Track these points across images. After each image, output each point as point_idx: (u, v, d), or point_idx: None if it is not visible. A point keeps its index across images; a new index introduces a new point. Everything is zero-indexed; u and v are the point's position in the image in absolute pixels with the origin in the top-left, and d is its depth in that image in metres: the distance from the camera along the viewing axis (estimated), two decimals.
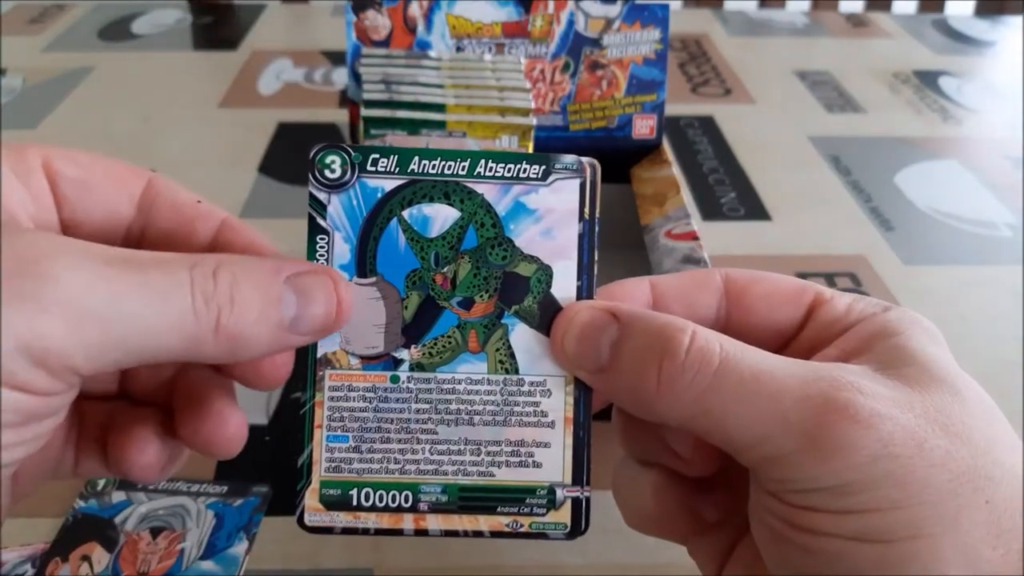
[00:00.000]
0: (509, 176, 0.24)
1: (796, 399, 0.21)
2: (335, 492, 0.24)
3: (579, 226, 0.24)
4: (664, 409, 0.22)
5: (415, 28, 0.48)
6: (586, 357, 0.23)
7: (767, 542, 0.23)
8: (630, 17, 0.49)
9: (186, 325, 0.20)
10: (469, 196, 0.24)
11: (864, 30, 0.93)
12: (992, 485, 0.20)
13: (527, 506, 0.24)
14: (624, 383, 0.23)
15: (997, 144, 0.70)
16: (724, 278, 0.26)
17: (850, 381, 0.21)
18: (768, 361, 0.22)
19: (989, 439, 0.21)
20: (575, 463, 0.24)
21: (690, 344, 0.22)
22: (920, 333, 0.23)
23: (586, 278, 0.24)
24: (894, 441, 0.20)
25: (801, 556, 0.21)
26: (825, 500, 0.20)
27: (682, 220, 0.44)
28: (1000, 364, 0.46)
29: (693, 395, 0.21)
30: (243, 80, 0.78)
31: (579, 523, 0.24)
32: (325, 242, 0.24)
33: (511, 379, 0.24)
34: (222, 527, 0.36)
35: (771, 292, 0.25)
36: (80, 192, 0.24)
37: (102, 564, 0.35)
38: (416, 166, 0.24)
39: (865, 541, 0.20)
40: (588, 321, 0.23)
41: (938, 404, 0.21)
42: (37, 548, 0.36)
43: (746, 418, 0.21)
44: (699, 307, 0.25)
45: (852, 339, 0.24)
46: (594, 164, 0.24)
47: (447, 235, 0.24)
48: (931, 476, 0.20)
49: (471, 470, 0.24)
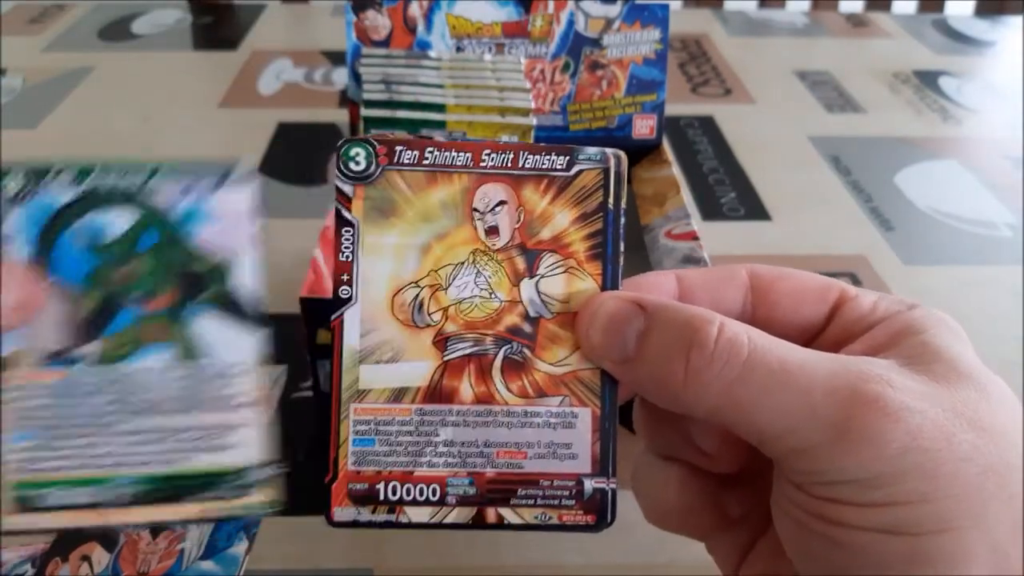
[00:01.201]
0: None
1: (825, 391, 0.21)
2: (27, 493, 0.24)
3: (603, 217, 0.24)
4: (691, 400, 0.22)
5: (415, 28, 0.48)
6: (612, 348, 0.23)
7: (791, 535, 0.22)
8: (630, 17, 0.49)
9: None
10: (145, 202, 0.25)
11: (864, 30, 0.93)
12: (1017, 479, 0.20)
13: (229, 490, 0.24)
14: (651, 373, 0.23)
15: (997, 144, 0.70)
16: (750, 273, 0.25)
17: (879, 374, 0.21)
18: (796, 353, 0.22)
19: (1014, 435, 0.21)
20: (602, 455, 0.24)
21: (718, 335, 0.22)
22: (945, 331, 0.23)
23: (611, 269, 0.24)
24: (923, 434, 0.20)
25: (826, 549, 0.21)
26: (852, 492, 0.20)
27: (682, 220, 0.44)
28: (1000, 364, 0.46)
29: (721, 386, 0.21)
30: (243, 80, 0.78)
31: (605, 515, 0.24)
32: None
33: (199, 365, 0.25)
34: (222, 527, 0.36)
35: (796, 289, 0.25)
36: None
37: (102, 564, 0.35)
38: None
39: (892, 534, 0.20)
40: (614, 311, 0.23)
41: (965, 399, 0.21)
42: (37, 548, 0.36)
43: (774, 410, 0.21)
44: (725, 301, 0.25)
45: (878, 336, 0.24)
46: (619, 155, 0.24)
47: (126, 236, 0.25)
48: (959, 470, 0.20)
49: (161, 459, 0.24)
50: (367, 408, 0.24)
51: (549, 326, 0.24)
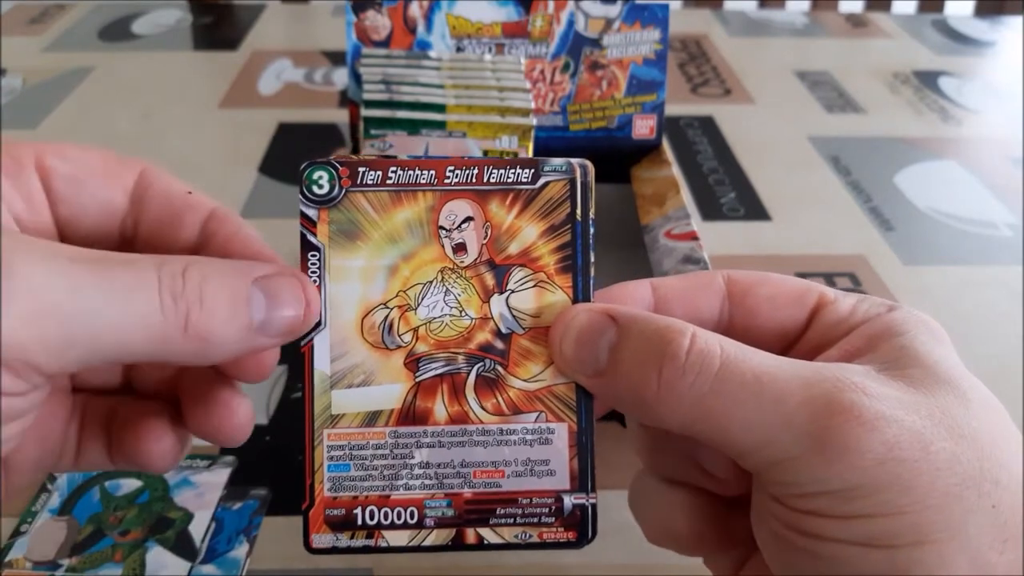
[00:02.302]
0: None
1: (800, 401, 0.20)
2: None
3: (571, 229, 0.24)
4: (665, 413, 0.22)
5: (415, 28, 0.48)
6: (584, 361, 0.23)
7: (771, 547, 0.22)
8: (630, 17, 0.49)
9: (153, 324, 0.20)
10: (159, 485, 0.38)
11: (864, 30, 0.93)
12: (998, 489, 0.20)
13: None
14: (624, 387, 0.22)
15: (997, 144, 0.70)
16: (726, 280, 0.25)
17: (854, 382, 0.21)
18: (770, 362, 0.21)
19: (995, 442, 0.21)
20: (580, 470, 0.24)
21: (690, 346, 0.21)
22: (925, 334, 0.23)
23: (582, 280, 0.24)
24: (899, 445, 0.20)
25: (806, 561, 0.21)
26: (830, 504, 0.20)
27: (682, 220, 0.44)
28: (1000, 364, 0.46)
29: (694, 398, 0.21)
30: (243, 80, 0.78)
31: (586, 531, 0.24)
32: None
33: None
34: (222, 531, 0.36)
35: (774, 294, 0.25)
36: (73, 188, 0.24)
37: None
38: None
39: (870, 546, 0.20)
40: (586, 324, 0.23)
41: (943, 406, 0.21)
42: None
43: (749, 421, 0.21)
44: (701, 309, 0.25)
45: (856, 339, 0.23)
46: (585, 165, 0.24)
47: (129, 495, 0.37)
48: (937, 480, 0.19)
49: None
50: (340, 433, 0.24)
51: (522, 342, 0.24)
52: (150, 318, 0.20)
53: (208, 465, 0.39)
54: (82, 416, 0.25)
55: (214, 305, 0.21)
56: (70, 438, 0.25)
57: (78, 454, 0.25)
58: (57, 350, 0.19)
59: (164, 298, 0.20)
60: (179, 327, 0.20)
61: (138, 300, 0.19)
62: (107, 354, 0.20)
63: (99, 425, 0.25)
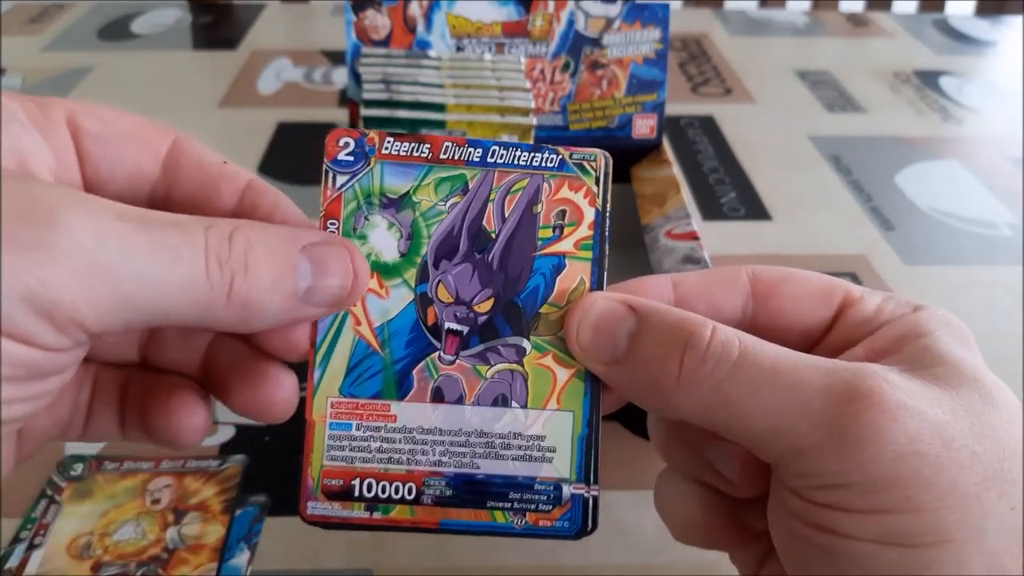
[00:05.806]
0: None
1: (818, 388, 0.20)
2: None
3: (595, 219, 0.24)
4: (682, 401, 0.22)
5: (415, 28, 0.48)
6: (602, 348, 0.23)
7: (786, 545, 0.22)
8: (630, 17, 0.49)
9: (198, 288, 0.19)
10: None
11: (864, 30, 0.93)
12: (1018, 491, 0.19)
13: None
14: (642, 374, 0.22)
15: (997, 144, 0.70)
16: (751, 277, 0.25)
17: (876, 371, 0.20)
18: (789, 354, 0.21)
19: (1017, 443, 0.20)
20: (583, 462, 0.24)
21: (711, 337, 0.21)
22: (950, 334, 0.23)
23: (597, 270, 0.24)
24: (921, 437, 0.19)
25: (820, 558, 0.21)
26: (848, 498, 0.20)
27: (682, 220, 0.44)
28: (1000, 364, 0.46)
29: (712, 386, 0.21)
30: (243, 80, 0.78)
31: (584, 523, 0.24)
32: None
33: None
34: (223, 538, 0.36)
35: (799, 293, 0.25)
36: (104, 149, 0.23)
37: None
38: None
39: (887, 544, 0.19)
40: (605, 311, 0.23)
41: (967, 404, 0.20)
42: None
43: (766, 408, 0.20)
44: (723, 307, 0.25)
45: (881, 339, 0.23)
46: (608, 156, 0.24)
47: None
48: (958, 478, 0.19)
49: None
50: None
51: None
52: (195, 283, 0.19)
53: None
54: (93, 385, 0.25)
55: (259, 272, 0.20)
56: (80, 407, 0.24)
57: (87, 424, 0.24)
58: (105, 309, 0.18)
59: (210, 264, 0.19)
60: (223, 294, 0.20)
61: (184, 263, 0.19)
62: (152, 316, 0.19)
63: (111, 395, 0.24)
